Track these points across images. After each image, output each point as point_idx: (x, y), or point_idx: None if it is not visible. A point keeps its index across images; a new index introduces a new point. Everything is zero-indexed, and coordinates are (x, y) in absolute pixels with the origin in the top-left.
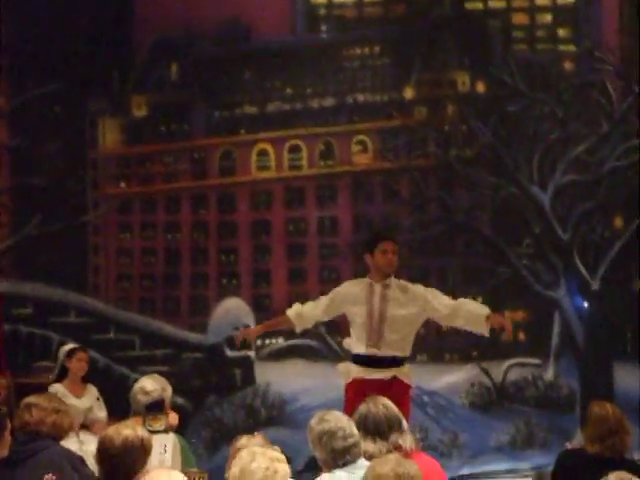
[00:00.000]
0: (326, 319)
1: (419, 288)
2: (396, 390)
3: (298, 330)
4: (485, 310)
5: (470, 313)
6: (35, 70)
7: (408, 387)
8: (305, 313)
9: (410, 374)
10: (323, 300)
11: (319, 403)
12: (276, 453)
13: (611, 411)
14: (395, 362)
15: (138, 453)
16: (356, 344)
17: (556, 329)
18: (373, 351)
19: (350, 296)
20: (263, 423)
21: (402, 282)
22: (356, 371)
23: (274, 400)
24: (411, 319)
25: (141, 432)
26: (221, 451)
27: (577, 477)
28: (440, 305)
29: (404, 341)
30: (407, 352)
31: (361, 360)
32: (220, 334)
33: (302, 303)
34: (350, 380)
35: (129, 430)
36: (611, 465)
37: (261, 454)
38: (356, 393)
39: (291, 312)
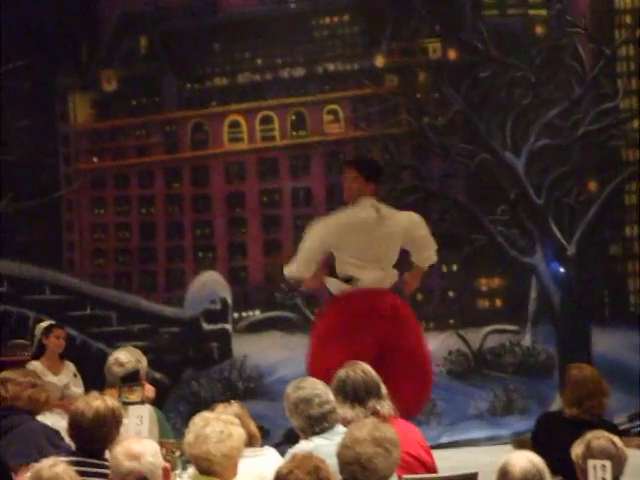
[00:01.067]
0: None
1: None
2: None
3: None
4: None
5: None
6: (3, 47)
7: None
8: None
9: None
10: None
11: (296, 375)
12: (230, 417)
13: (589, 373)
14: None
15: (110, 424)
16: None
17: (533, 295)
18: None
19: None
20: (241, 396)
21: None
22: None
23: (251, 373)
24: None
25: (111, 403)
26: None
27: (556, 440)
28: None
29: None
30: None
31: None
32: (197, 308)
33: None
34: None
35: (99, 401)
36: (589, 427)
37: (214, 419)
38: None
39: None
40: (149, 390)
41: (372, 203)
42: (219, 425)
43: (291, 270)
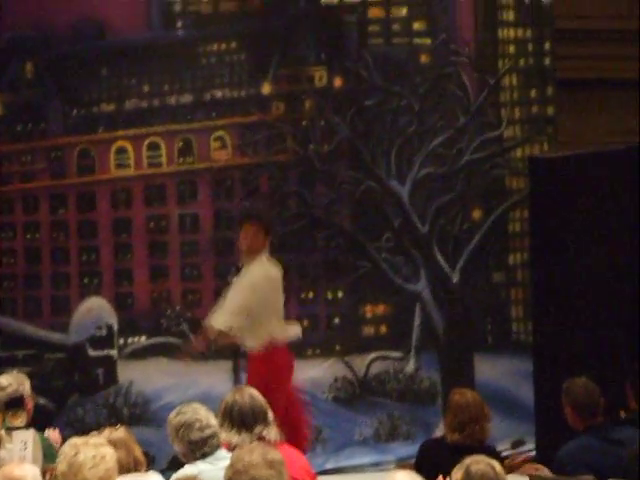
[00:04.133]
0: None
1: None
2: None
3: None
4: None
5: None
6: None
7: None
8: None
9: None
10: None
11: (183, 401)
12: (98, 439)
13: (471, 398)
14: None
15: None
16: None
17: (417, 322)
18: None
19: None
20: (126, 422)
21: None
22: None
23: (137, 399)
24: None
25: None
26: None
27: (438, 466)
28: None
29: None
30: None
31: None
32: (82, 333)
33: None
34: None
35: None
36: (471, 453)
37: (83, 444)
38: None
39: None
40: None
41: (268, 257)
42: (90, 450)
43: (225, 321)
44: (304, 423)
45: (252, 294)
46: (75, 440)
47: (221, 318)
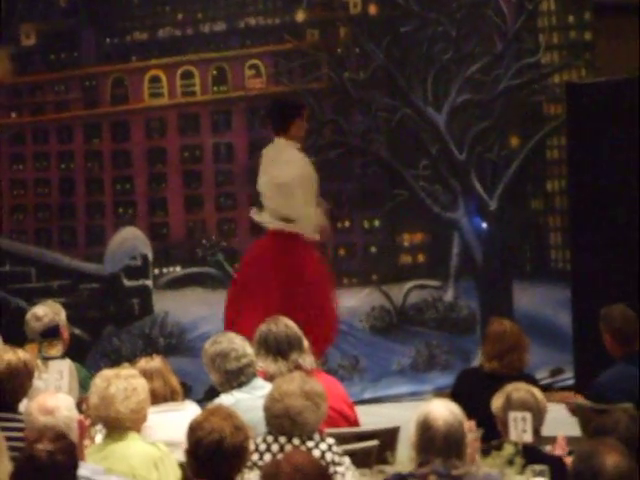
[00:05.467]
0: None
1: None
2: None
3: None
4: None
5: None
6: None
7: None
8: None
9: None
10: None
11: (218, 331)
12: (129, 370)
13: (509, 328)
14: None
15: (22, 377)
16: None
17: (455, 250)
18: None
19: None
20: (162, 352)
21: None
22: None
23: (172, 329)
24: None
25: (23, 355)
26: None
27: (475, 394)
28: None
29: None
30: None
31: None
32: (117, 264)
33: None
34: None
35: (10, 354)
36: (509, 381)
37: (115, 376)
38: None
39: None
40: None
41: None
42: (121, 382)
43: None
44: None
45: (309, 181)
46: (106, 372)
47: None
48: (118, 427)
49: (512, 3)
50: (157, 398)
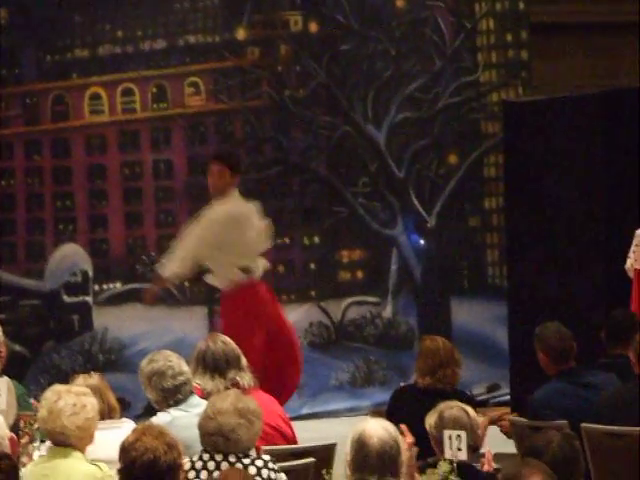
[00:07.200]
0: None
1: None
2: None
3: None
4: None
5: None
6: None
7: None
8: None
9: None
10: None
11: (158, 347)
12: (81, 388)
13: (442, 343)
14: None
15: None
16: None
17: (394, 267)
18: None
19: None
20: (101, 368)
21: None
22: None
23: (112, 345)
24: None
25: None
26: None
27: (410, 411)
28: None
29: None
30: None
31: None
32: (57, 280)
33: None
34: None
35: None
36: (443, 396)
37: (66, 391)
38: None
39: None
40: None
41: (238, 195)
42: (71, 398)
43: (172, 269)
44: (294, 360)
45: (204, 234)
46: (59, 387)
47: (170, 265)
48: (63, 442)
49: (451, 22)
50: None
